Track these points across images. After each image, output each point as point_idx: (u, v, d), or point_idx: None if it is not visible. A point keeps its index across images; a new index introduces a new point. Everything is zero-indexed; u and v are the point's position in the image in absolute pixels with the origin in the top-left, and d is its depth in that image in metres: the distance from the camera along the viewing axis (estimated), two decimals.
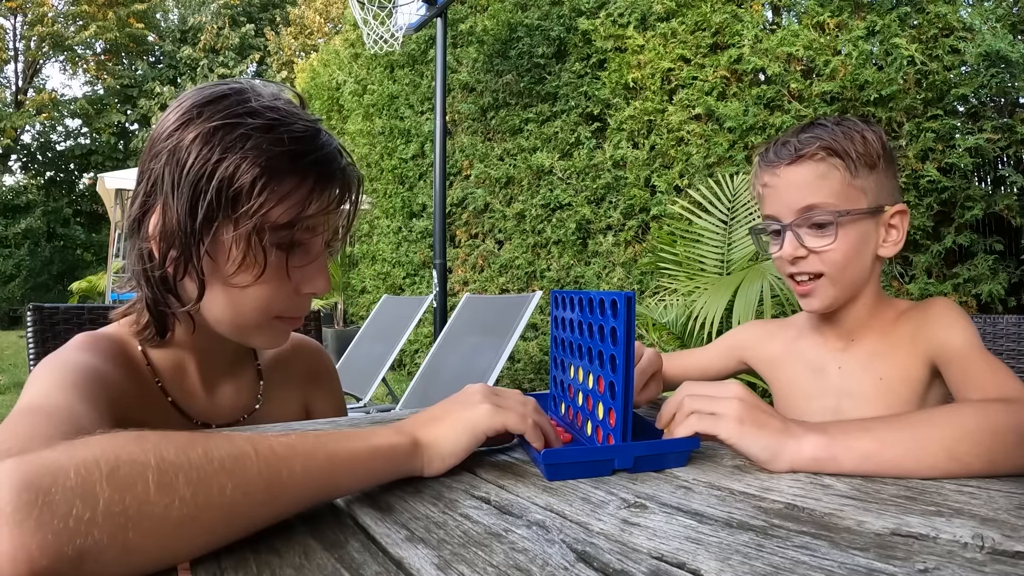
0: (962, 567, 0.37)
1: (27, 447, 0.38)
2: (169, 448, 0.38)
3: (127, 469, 0.36)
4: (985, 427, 0.56)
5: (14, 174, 19.05)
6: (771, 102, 3.34)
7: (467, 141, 5.31)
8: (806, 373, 0.92)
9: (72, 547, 0.33)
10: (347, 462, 0.48)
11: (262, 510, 0.42)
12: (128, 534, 0.35)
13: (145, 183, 0.65)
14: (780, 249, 0.86)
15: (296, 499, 0.44)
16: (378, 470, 0.51)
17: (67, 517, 0.33)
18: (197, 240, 0.63)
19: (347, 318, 7.56)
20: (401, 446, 0.53)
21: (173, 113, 0.65)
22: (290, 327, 0.74)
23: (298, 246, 0.68)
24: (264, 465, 0.42)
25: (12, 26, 19.05)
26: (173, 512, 0.37)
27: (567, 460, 0.57)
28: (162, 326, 0.70)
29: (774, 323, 1.05)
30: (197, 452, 0.39)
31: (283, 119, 0.65)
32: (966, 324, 0.79)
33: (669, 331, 2.77)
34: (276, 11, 19.81)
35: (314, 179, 0.66)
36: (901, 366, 0.83)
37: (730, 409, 0.59)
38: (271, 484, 0.42)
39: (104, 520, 0.34)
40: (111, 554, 0.34)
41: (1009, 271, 2.69)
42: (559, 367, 0.77)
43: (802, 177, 0.83)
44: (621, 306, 0.57)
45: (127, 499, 0.35)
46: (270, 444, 0.44)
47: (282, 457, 0.43)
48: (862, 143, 0.82)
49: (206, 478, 0.38)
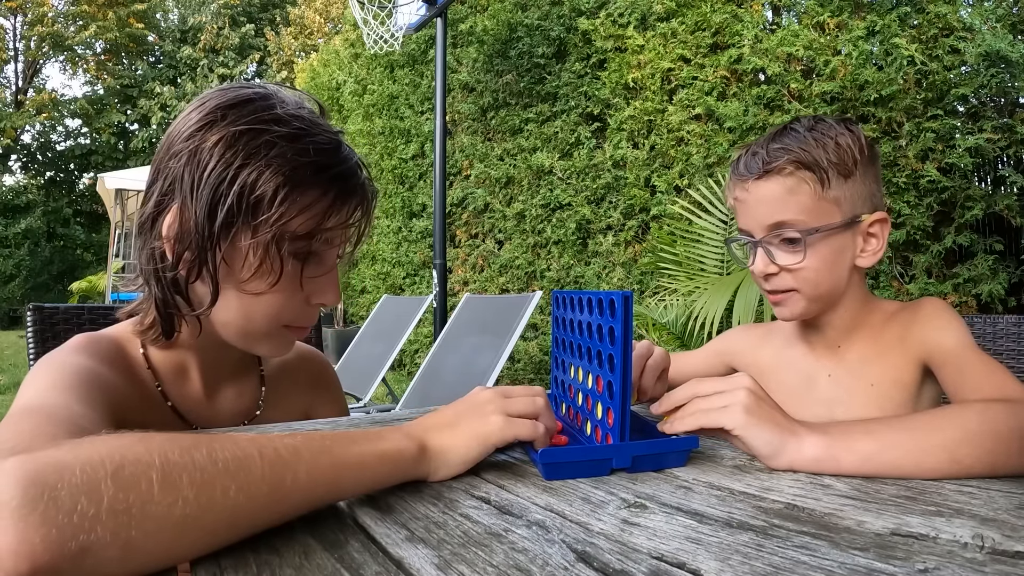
0: (962, 567, 0.37)
1: (32, 445, 0.38)
2: (174, 449, 0.39)
3: (132, 468, 0.36)
4: (987, 429, 0.56)
5: (14, 174, 19.06)
6: (771, 102, 3.34)
7: (467, 141, 5.31)
8: (796, 382, 0.91)
9: (75, 543, 0.33)
10: (353, 467, 0.48)
11: (265, 513, 0.42)
12: (131, 532, 0.35)
13: (162, 182, 0.64)
14: (753, 264, 0.84)
15: (300, 503, 0.44)
16: (384, 475, 0.51)
17: (71, 513, 0.33)
18: (214, 244, 0.62)
19: (347, 318, 7.56)
20: (408, 451, 0.52)
21: (195, 113, 0.64)
22: (296, 336, 0.73)
23: (313, 257, 0.68)
24: (268, 469, 0.42)
25: (12, 26, 19.05)
26: (176, 512, 0.37)
27: (565, 459, 0.57)
28: (169, 327, 0.69)
29: (762, 328, 1.04)
30: (201, 453, 0.39)
31: (308, 129, 0.65)
32: (958, 324, 0.77)
33: (669, 331, 2.77)
34: (276, 11, 19.81)
35: (335, 192, 0.66)
36: (892, 370, 0.82)
37: (738, 399, 0.58)
38: (275, 488, 0.42)
39: (108, 518, 0.34)
40: (112, 552, 0.34)
41: (1009, 271, 2.69)
42: (560, 367, 0.77)
43: (771, 193, 0.80)
44: (619, 305, 0.57)
45: (131, 498, 0.35)
46: (275, 447, 0.43)
47: (287, 461, 0.43)
48: (835, 150, 0.78)
49: (210, 480, 0.39)
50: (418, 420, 0.58)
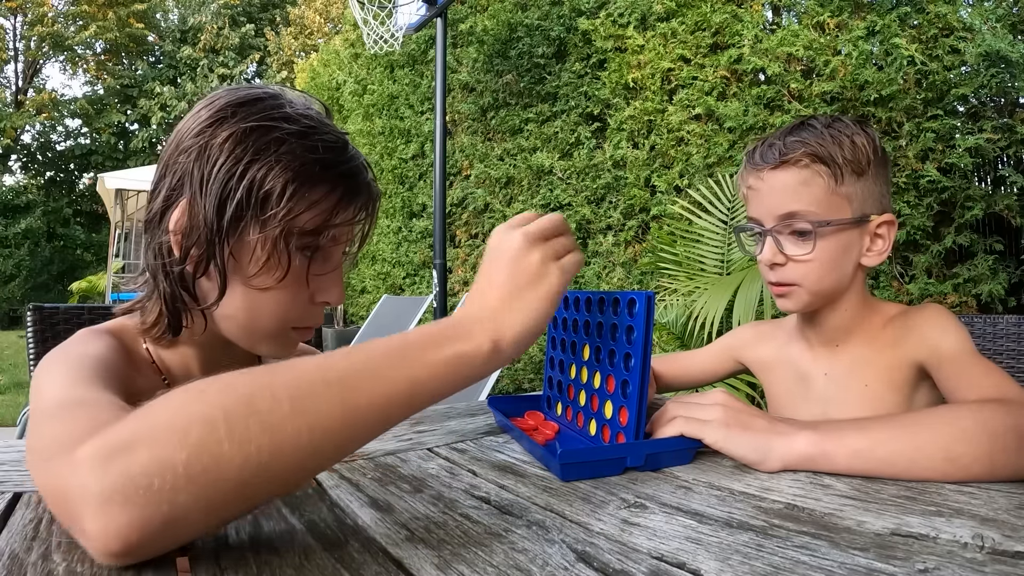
0: (962, 567, 0.37)
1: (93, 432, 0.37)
2: (234, 400, 0.38)
3: (198, 429, 0.36)
4: (983, 428, 0.55)
5: (14, 174, 19.07)
6: (771, 102, 3.34)
7: (467, 141, 5.31)
8: (794, 379, 0.92)
9: (159, 516, 0.34)
10: (426, 379, 0.44)
11: (342, 439, 0.41)
12: (210, 493, 0.35)
13: (170, 178, 0.65)
14: (761, 253, 0.85)
15: (374, 426, 0.42)
16: (460, 380, 0.47)
17: (149, 488, 0.34)
18: (223, 238, 0.63)
19: (347, 318, 7.56)
20: (482, 350, 0.47)
21: (205, 111, 0.65)
22: (301, 338, 0.73)
23: (320, 253, 0.68)
24: (338, 397, 0.40)
25: (12, 26, 19.05)
26: (251, 463, 0.36)
27: (583, 460, 0.56)
28: (177, 322, 0.69)
29: (768, 324, 1.05)
30: (264, 397, 0.38)
31: (317, 127, 0.65)
32: (958, 328, 0.78)
33: (669, 331, 2.77)
34: (276, 11, 19.82)
35: (343, 189, 0.67)
36: (886, 372, 0.82)
37: (714, 415, 0.59)
38: (346, 415, 0.40)
39: (186, 484, 0.35)
40: (197, 515, 0.36)
41: (1009, 271, 2.69)
42: (556, 368, 0.77)
43: (785, 183, 0.82)
44: (641, 305, 0.57)
45: (205, 460, 0.35)
46: (343, 368, 0.41)
47: (356, 385, 0.41)
48: (851, 148, 0.80)
49: (279, 424, 0.38)
50: (473, 304, 0.52)
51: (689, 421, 0.60)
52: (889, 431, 0.56)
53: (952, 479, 0.53)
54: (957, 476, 0.53)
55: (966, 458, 0.54)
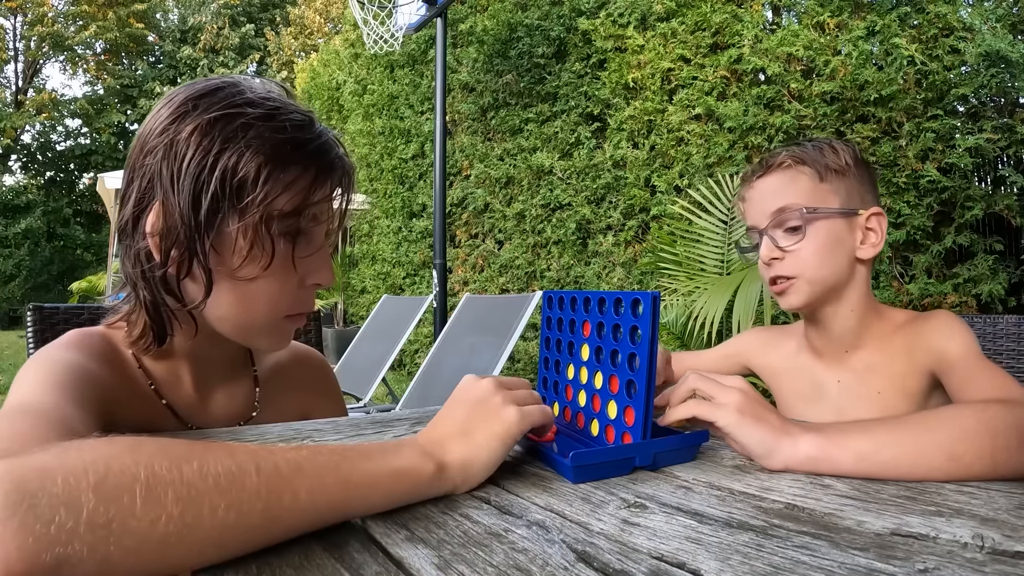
0: (962, 567, 0.36)
1: (20, 449, 0.37)
2: (163, 461, 0.37)
3: (115, 480, 0.35)
4: (984, 427, 0.56)
5: (14, 174, 19.08)
6: (771, 102, 3.34)
7: (467, 141, 5.31)
8: (806, 387, 0.93)
9: (51, 555, 0.32)
10: (362, 486, 0.44)
11: (259, 532, 0.40)
12: (109, 548, 0.34)
13: (139, 181, 0.63)
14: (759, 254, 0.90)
15: (299, 523, 0.41)
16: (400, 494, 0.47)
17: (49, 524, 0.32)
18: (202, 234, 0.61)
19: (347, 318, 7.56)
20: (426, 470, 0.48)
21: (165, 108, 0.64)
22: (295, 325, 0.72)
23: (302, 235, 0.67)
24: (265, 486, 0.39)
25: (12, 26, 19.06)
26: (158, 529, 0.35)
27: (594, 461, 0.56)
28: (162, 332, 0.68)
29: (776, 331, 1.06)
30: (192, 467, 0.37)
31: (282, 108, 0.64)
32: (966, 333, 0.79)
33: (669, 331, 2.77)
34: (276, 11, 19.83)
35: (316, 167, 0.66)
36: (898, 379, 0.83)
37: (730, 398, 0.59)
38: (270, 507, 0.39)
39: (86, 531, 0.33)
40: (89, 567, 0.33)
41: (1009, 271, 2.69)
42: (552, 368, 0.76)
43: (772, 184, 0.90)
44: (647, 305, 0.57)
45: (112, 511, 0.34)
46: (275, 461, 0.41)
47: (286, 477, 0.41)
48: (831, 152, 0.87)
49: (197, 496, 0.37)
50: (427, 432, 0.54)
51: (702, 404, 0.60)
52: (892, 433, 0.56)
53: (954, 478, 0.54)
54: (959, 475, 0.54)
55: (968, 456, 0.54)
